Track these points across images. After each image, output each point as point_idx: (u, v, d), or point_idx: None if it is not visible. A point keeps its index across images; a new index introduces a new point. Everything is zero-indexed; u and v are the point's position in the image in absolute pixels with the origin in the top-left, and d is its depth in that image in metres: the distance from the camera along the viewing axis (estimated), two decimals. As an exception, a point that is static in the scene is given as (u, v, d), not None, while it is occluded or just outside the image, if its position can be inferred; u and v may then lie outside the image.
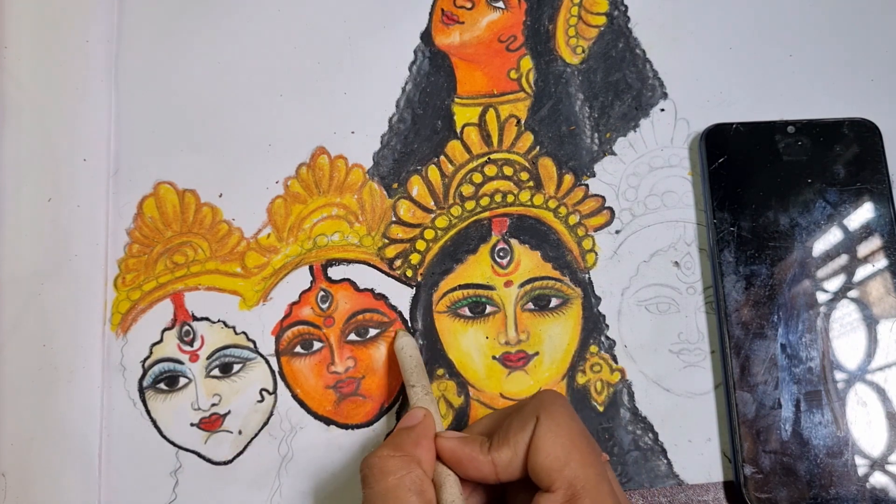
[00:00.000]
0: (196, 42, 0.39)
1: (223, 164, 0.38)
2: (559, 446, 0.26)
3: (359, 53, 0.39)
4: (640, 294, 0.37)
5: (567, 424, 0.27)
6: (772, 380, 0.34)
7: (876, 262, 0.35)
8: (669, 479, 0.35)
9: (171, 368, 0.36)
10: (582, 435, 0.27)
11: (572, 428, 0.27)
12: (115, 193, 0.37)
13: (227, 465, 0.35)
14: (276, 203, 0.37)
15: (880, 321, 0.35)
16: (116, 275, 0.36)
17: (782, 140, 0.37)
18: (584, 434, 0.27)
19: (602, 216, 0.37)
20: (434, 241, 0.37)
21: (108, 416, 0.35)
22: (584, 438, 0.27)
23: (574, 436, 0.27)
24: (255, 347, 0.36)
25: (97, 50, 0.38)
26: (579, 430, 0.27)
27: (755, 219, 0.36)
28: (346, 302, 0.36)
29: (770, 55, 0.39)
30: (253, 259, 0.37)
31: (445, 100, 0.39)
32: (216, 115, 0.38)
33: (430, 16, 0.40)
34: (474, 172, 0.38)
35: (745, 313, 0.35)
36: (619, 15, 0.40)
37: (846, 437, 0.33)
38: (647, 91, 0.39)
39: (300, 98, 0.38)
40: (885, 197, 0.36)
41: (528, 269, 0.37)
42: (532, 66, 0.39)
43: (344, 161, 0.38)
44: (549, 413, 0.27)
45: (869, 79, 0.39)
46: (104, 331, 0.36)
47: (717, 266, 0.35)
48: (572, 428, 0.27)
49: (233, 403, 0.35)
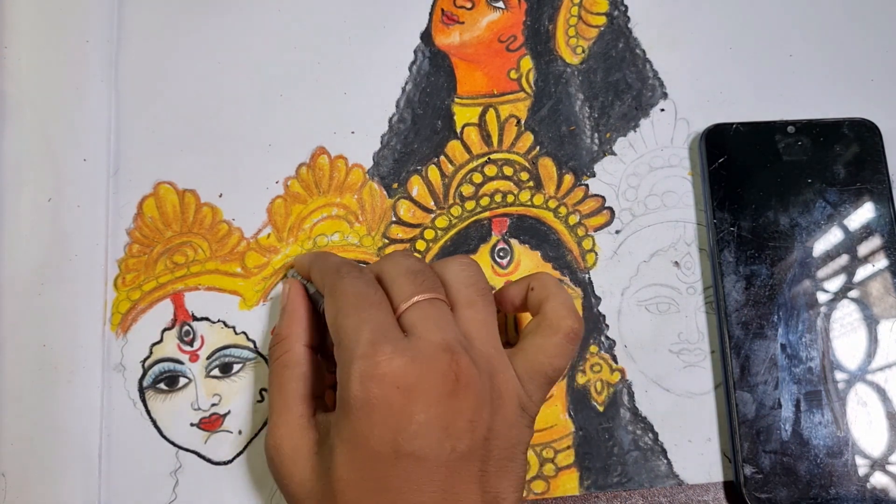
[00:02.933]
0: (196, 42, 0.39)
1: (223, 164, 0.38)
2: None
3: (359, 53, 0.39)
4: (640, 294, 0.37)
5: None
6: (772, 380, 0.34)
7: (876, 262, 0.35)
8: (669, 479, 0.35)
9: (171, 368, 0.36)
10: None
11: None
12: (115, 193, 0.37)
13: (227, 465, 0.35)
14: (276, 203, 0.37)
15: (880, 321, 0.35)
16: (116, 275, 0.36)
17: (782, 140, 0.37)
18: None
19: (602, 216, 0.37)
20: (434, 242, 0.37)
21: (108, 416, 0.35)
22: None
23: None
24: (256, 347, 0.36)
25: (97, 50, 0.38)
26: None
27: (755, 219, 0.36)
28: (346, 302, 0.36)
29: (770, 55, 0.39)
30: (253, 259, 0.37)
31: (445, 100, 0.39)
32: (216, 115, 0.38)
33: (430, 16, 0.40)
34: (474, 172, 0.38)
35: (745, 313, 0.35)
36: (619, 15, 0.40)
37: (846, 437, 0.33)
38: (647, 91, 0.39)
39: (300, 98, 0.38)
40: (885, 197, 0.36)
41: (528, 269, 0.37)
42: (532, 66, 0.39)
43: (344, 161, 0.38)
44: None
45: (869, 79, 0.39)
46: (104, 331, 0.36)
47: (717, 266, 0.35)
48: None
49: (233, 403, 0.35)
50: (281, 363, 0.32)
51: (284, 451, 0.30)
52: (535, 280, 0.32)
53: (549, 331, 0.30)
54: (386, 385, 0.27)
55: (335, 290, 0.30)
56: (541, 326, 0.31)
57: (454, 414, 0.27)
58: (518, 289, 0.32)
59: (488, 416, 0.28)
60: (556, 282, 0.32)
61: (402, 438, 0.26)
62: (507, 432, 0.29)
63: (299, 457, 0.29)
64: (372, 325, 0.28)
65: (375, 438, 0.27)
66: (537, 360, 0.30)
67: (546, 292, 0.31)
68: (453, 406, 0.27)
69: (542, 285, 0.32)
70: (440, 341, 0.28)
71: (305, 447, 0.30)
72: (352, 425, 0.27)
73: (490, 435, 0.28)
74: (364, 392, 0.27)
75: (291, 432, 0.30)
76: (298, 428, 0.30)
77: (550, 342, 0.30)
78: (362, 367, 0.27)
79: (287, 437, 0.30)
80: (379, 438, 0.27)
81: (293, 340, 0.32)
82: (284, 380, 0.31)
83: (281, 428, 0.30)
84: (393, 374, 0.27)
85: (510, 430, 0.29)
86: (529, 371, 0.30)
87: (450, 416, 0.27)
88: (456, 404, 0.27)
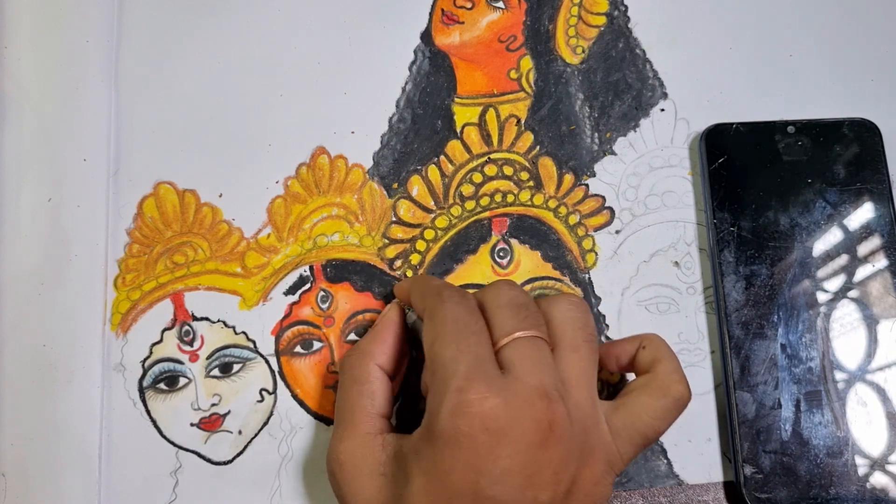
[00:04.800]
0: (196, 42, 0.39)
1: (223, 164, 0.38)
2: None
3: (359, 53, 0.39)
4: (640, 294, 0.37)
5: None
6: (772, 380, 0.34)
7: (876, 262, 0.35)
8: (669, 479, 0.35)
9: (171, 368, 0.36)
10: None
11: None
12: (115, 193, 0.37)
13: (227, 465, 0.35)
14: (276, 203, 0.37)
15: (880, 321, 0.35)
16: (116, 275, 0.36)
17: (782, 140, 0.37)
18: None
19: (602, 216, 0.37)
20: (434, 242, 0.37)
21: (108, 416, 0.35)
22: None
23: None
24: (255, 347, 0.36)
25: (97, 50, 0.38)
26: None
27: (755, 219, 0.36)
28: (346, 302, 0.36)
29: (770, 55, 0.39)
30: (253, 259, 0.37)
31: (445, 100, 0.39)
32: (216, 115, 0.38)
33: (430, 16, 0.40)
34: (474, 172, 0.38)
35: (745, 313, 0.35)
36: (619, 15, 0.40)
37: (846, 437, 0.33)
38: (647, 91, 0.39)
39: (300, 98, 0.38)
40: (885, 197, 0.36)
41: (528, 269, 0.37)
42: (532, 66, 0.39)
43: (344, 161, 0.38)
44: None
45: (869, 79, 0.39)
46: (104, 331, 0.36)
47: (717, 266, 0.35)
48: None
49: (233, 403, 0.35)
50: (352, 377, 0.31)
51: (347, 466, 0.29)
52: (647, 340, 0.31)
53: (658, 392, 0.30)
54: (475, 425, 0.26)
55: (435, 314, 0.29)
56: (650, 386, 0.30)
57: (541, 464, 0.26)
58: (628, 346, 0.32)
59: (574, 470, 0.27)
60: (668, 345, 0.31)
61: (484, 481, 0.26)
62: (592, 489, 0.28)
63: (362, 474, 0.29)
64: (469, 358, 0.27)
65: (457, 476, 0.26)
66: (641, 419, 0.29)
67: (659, 353, 0.31)
68: (541, 456, 0.26)
69: (656, 346, 0.31)
70: (537, 385, 0.27)
71: (369, 465, 0.29)
72: (435, 457, 0.26)
73: (573, 489, 0.27)
74: (452, 427, 0.26)
75: (356, 448, 0.30)
76: (363, 445, 0.30)
77: (658, 404, 0.29)
78: (454, 401, 0.26)
79: (350, 453, 0.29)
80: (461, 477, 0.26)
81: (369, 358, 0.31)
82: (354, 394, 0.31)
83: (345, 442, 0.30)
84: (484, 414, 0.26)
85: (594, 487, 0.28)
86: (629, 428, 0.29)
87: (536, 466, 0.26)
88: (544, 455, 0.26)
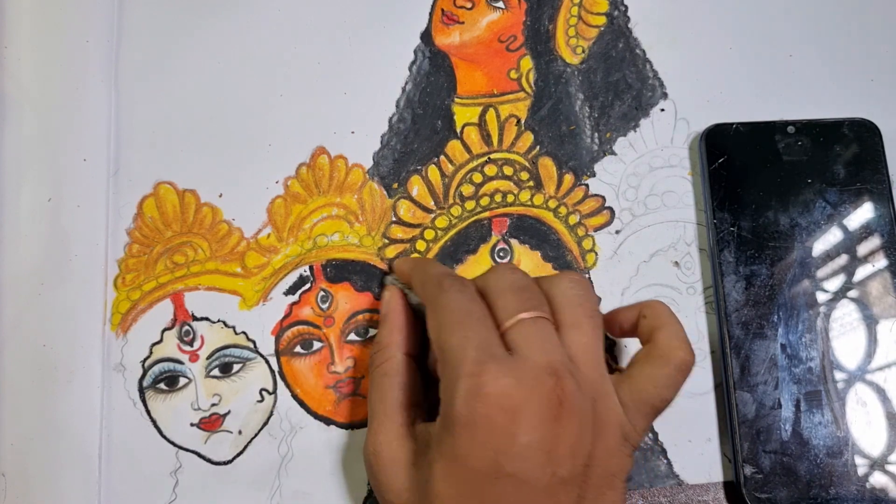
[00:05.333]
0: (196, 42, 0.39)
1: (223, 164, 0.38)
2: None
3: (359, 53, 0.39)
4: (641, 294, 0.37)
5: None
6: (772, 380, 0.34)
7: (876, 262, 0.35)
8: (669, 479, 0.35)
9: (171, 368, 0.36)
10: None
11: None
12: (115, 193, 0.37)
13: (227, 465, 0.35)
14: (276, 203, 0.37)
15: (880, 321, 0.35)
16: (116, 275, 0.36)
17: (782, 140, 0.37)
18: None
19: (602, 216, 0.37)
20: (434, 242, 0.37)
21: (108, 416, 0.35)
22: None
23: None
24: (255, 347, 0.36)
25: (97, 50, 0.38)
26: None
27: (755, 219, 0.36)
28: (346, 302, 0.36)
29: (770, 55, 0.39)
30: (253, 259, 0.37)
31: (445, 100, 0.39)
32: (216, 115, 0.38)
33: (430, 16, 0.40)
34: (474, 172, 0.38)
35: (745, 313, 0.35)
36: (619, 15, 0.40)
37: (846, 437, 0.33)
38: (647, 91, 0.39)
39: (300, 98, 0.38)
40: (885, 197, 0.36)
41: (528, 269, 0.37)
42: (532, 66, 0.39)
43: (344, 161, 0.38)
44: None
45: (869, 79, 0.39)
46: (104, 331, 0.36)
47: (717, 266, 0.35)
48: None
49: (233, 403, 0.35)
50: (381, 371, 0.32)
51: (383, 459, 0.30)
52: (647, 307, 0.31)
53: (660, 361, 0.30)
54: (491, 405, 0.26)
55: (437, 304, 0.30)
56: (651, 356, 0.30)
57: (556, 439, 0.26)
58: (629, 314, 0.32)
59: (590, 443, 0.27)
60: (669, 311, 0.31)
61: (503, 459, 0.26)
62: (608, 461, 0.28)
63: (398, 466, 0.30)
64: (476, 343, 0.28)
65: (476, 457, 0.26)
66: (646, 389, 0.30)
67: (659, 321, 0.31)
68: (556, 431, 0.27)
69: (656, 314, 0.31)
70: (545, 363, 0.27)
71: (403, 457, 0.30)
72: (454, 442, 0.27)
73: (591, 462, 0.27)
74: (469, 411, 0.26)
75: (391, 441, 0.30)
76: (398, 437, 0.30)
77: (661, 373, 0.30)
78: (468, 385, 0.27)
79: (386, 445, 0.30)
80: (480, 457, 0.26)
81: (394, 349, 0.32)
82: (385, 387, 0.32)
83: (381, 435, 0.31)
84: (497, 394, 0.26)
85: (611, 459, 0.28)
86: (636, 400, 0.29)
87: (552, 441, 0.26)
88: (559, 429, 0.27)
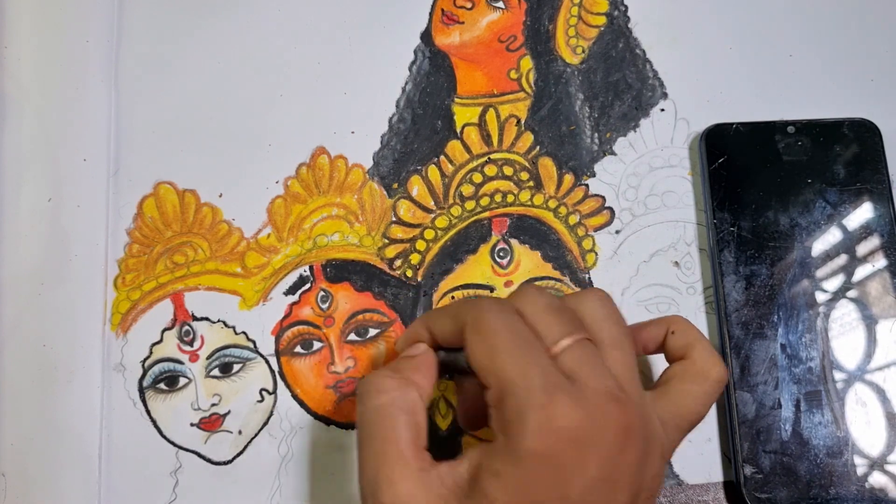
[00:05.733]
0: (196, 42, 0.39)
1: (223, 164, 0.38)
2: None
3: (359, 53, 0.39)
4: (640, 294, 0.37)
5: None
6: (772, 380, 0.34)
7: (876, 262, 0.35)
8: (669, 479, 0.35)
9: (171, 368, 0.36)
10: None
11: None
12: (115, 193, 0.37)
13: (227, 465, 0.35)
14: (276, 203, 0.37)
15: (880, 321, 0.35)
16: (116, 275, 0.36)
17: (782, 140, 0.37)
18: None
19: (602, 216, 0.37)
20: (434, 242, 0.37)
21: (108, 416, 0.35)
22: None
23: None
24: (255, 347, 0.36)
25: (97, 50, 0.38)
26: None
27: (755, 219, 0.36)
28: (346, 302, 0.36)
29: (770, 55, 0.39)
30: (253, 259, 0.37)
31: (445, 100, 0.39)
32: (216, 115, 0.38)
33: (430, 16, 0.40)
34: (474, 172, 0.38)
35: (745, 313, 0.35)
36: (619, 15, 0.40)
37: (846, 437, 0.33)
38: (647, 91, 0.39)
39: (300, 98, 0.38)
40: (885, 197, 0.36)
41: (528, 269, 0.37)
42: (532, 66, 0.39)
43: (344, 161, 0.38)
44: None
45: (869, 79, 0.39)
46: (104, 331, 0.36)
47: (717, 266, 0.35)
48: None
49: (233, 403, 0.35)
50: (397, 406, 0.27)
51: None
52: (675, 324, 0.31)
53: (699, 377, 0.30)
54: (564, 439, 0.25)
55: (482, 325, 0.27)
56: (689, 373, 0.30)
57: (622, 468, 0.26)
58: (656, 331, 0.31)
59: (644, 468, 0.27)
60: (695, 327, 0.31)
61: (573, 492, 0.25)
62: (652, 483, 0.28)
63: None
64: (538, 371, 0.26)
65: (545, 491, 0.25)
66: (686, 406, 0.29)
67: (691, 337, 0.31)
68: (622, 460, 0.26)
69: (685, 330, 0.31)
70: (605, 390, 0.26)
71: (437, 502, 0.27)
72: (521, 476, 0.25)
73: (642, 485, 0.27)
74: (541, 445, 0.25)
75: (416, 489, 0.26)
76: (422, 484, 0.26)
77: (700, 389, 0.30)
78: (539, 418, 0.25)
79: (411, 495, 0.26)
80: (548, 491, 0.25)
81: (414, 389, 0.28)
82: (399, 424, 0.27)
83: (400, 484, 0.26)
84: (570, 428, 0.25)
85: (654, 480, 0.28)
86: (676, 417, 0.29)
87: (618, 471, 0.26)
88: (624, 458, 0.26)
